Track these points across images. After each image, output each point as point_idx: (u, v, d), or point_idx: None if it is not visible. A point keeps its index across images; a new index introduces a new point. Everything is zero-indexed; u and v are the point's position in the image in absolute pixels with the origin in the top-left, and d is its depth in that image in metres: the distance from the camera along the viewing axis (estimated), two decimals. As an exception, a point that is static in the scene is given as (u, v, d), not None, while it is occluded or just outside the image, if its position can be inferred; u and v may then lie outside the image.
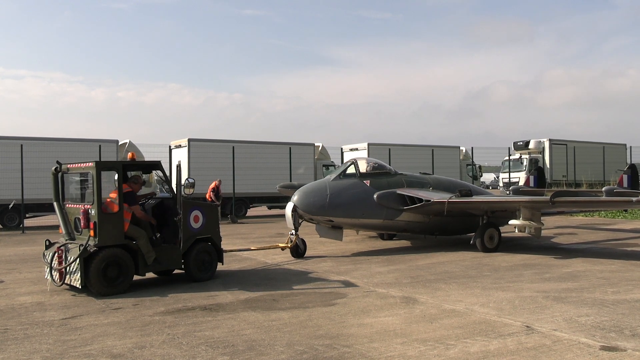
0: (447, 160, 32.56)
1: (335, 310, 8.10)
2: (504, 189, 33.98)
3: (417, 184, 15.32)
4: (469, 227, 15.54)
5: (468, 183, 19.92)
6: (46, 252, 10.17)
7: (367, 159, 15.96)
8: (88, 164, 9.78)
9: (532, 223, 13.39)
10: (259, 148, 28.03)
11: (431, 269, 11.58)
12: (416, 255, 13.76)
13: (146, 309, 8.43)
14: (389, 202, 14.32)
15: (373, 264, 12.49)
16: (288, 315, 7.83)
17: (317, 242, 16.05)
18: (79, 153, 22.18)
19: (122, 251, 9.60)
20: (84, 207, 9.71)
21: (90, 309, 8.47)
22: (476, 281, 10.14)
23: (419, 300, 8.62)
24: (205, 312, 8.15)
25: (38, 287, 10.37)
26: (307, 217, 13.93)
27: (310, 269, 11.82)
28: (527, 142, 37.29)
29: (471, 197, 14.29)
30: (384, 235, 17.10)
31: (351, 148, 31.34)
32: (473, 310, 7.90)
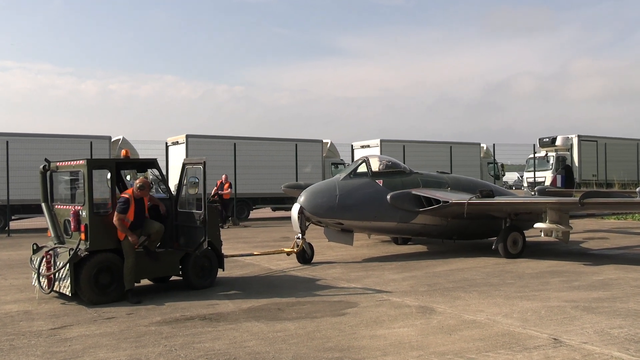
0: (466, 158, 32.48)
1: (345, 320, 8.09)
2: (528, 189, 33.83)
3: (434, 184, 15.28)
4: (491, 230, 15.48)
5: (489, 183, 19.86)
6: (33, 257, 10.21)
7: (380, 156, 15.93)
8: (79, 162, 9.81)
9: (559, 226, 13.33)
10: (263, 145, 28.05)
11: (449, 276, 11.55)
12: (433, 261, 13.73)
13: (141, 318, 8.44)
14: (404, 204, 14.29)
15: (386, 270, 12.47)
16: (294, 326, 7.82)
17: (326, 246, 16.04)
18: (69, 150, 22.20)
19: (115, 256, 9.63)
20: (75, 209, 9.75)
21: (81, 319, 8.50)
22: (499, 289, 10.11)
23: (437, 310, 8.60)
24: (205, 322, 8.16)
25: (25, 294, 10.41)
26: (314, 219, 13.92)
27: (318, 276, 11.82)
28: (554, 139, 37.14)
29: (493, 198, 14.24)
30: (398, 240, 17.08)
31: (362, 145, 31.31)
32: (495, 321, 7.87)
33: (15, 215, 23.64)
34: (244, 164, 26.44)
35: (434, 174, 16.06)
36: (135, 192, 9.84)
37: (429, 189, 14.79)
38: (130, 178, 25.28)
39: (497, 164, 34.65)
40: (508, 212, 14.47)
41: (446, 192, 14.86)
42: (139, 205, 9.87)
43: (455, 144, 32.80)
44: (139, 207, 9.85)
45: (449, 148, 31.79)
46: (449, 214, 14.47)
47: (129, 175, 25.10)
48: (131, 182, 25.36)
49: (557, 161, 35.74)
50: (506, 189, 20.64)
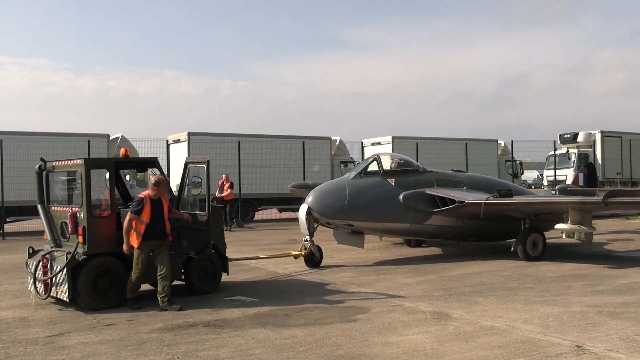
0: (483, 156, 32.38)
1: (356, 327, 8.09)
2: (548, 188, 33.73)
3: (449, 183, 15.25)
4: (509, 232, 15.44)
5: (507, 181, 19.80)
6: (29, 261, 10.25)
7: (392, 154, 15.90)
8: (76, 161, 9.85)
9: (582, 227, 13.27)
10: (268, 143, 28.07)
11: (466, 280, 11.53)
12: (448, 264, 13.70)
13: (142, 325, 8.47)
14: (417, 204, 14.27)
15: (399, 274, 12.46)
16: (302, 333, 7.83)
17: (335, 249, 16.04)
18: (66, 149, 22.28)
19: (115, 260, 9.66)
20: (72, 210, 9.79)
21: (79, 325, 8.53)
22: (518, 294, 10.09)
23: (452, 316, 8.58)
24: (208, 329, 8.18)
25: (20, 300, 10.47)
26: (323, 221, 13.92)
27: (327, 280, 11.82)
28: (575, 135, 36.99)
29: (511, 198, 14.20)
30: (411, 242, 17.05)
31: (373, 142, 31.27)
32: (515, 328, 7.85)
33: (10, 217, 23.74)
34: (248, 163, 26.46)
35: (448, 173, 16.03)
36: (151, 191, 9.56)
37: (443, 189, 14.76)
38: (129, 178, 25.44)
39: (515, 162, 34.54)
40: (527, 212, 14.42)
41: (462, 191, 14.82)
42: (156, 206, 9.57)
43: (472, 141, 32.70)
44: (156, 209, 9.54)
45: (465, 145, 31.71)
46: (465, 215, 14.43)
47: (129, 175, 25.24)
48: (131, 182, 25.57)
49: (578, 158, 35.59)
50: (525, 188, 20.56)
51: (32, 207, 17.39)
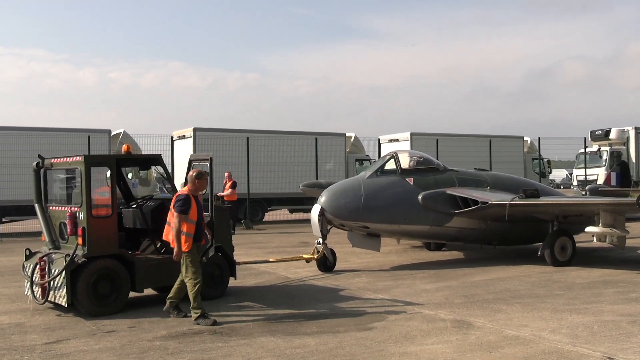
0: (508, 154, 32.26)
1: (372, 335, 8.09)
2: (578, 188, 33.54)
3: (472, 183, 15.21)
4: (536, 235, 15.38)
5: (534, 181, 19.72)
6: (26, 264, 10.32)
7: (410, 151, 15.89)
8: (75, 158, 9.90)
9: (614, 230, 13.19)
10: (279, 139, 28.10)
11: (489, 287, 11.50)
12: (471, 269, 13.67)
13: (145, 332, 8.51)
14: (437, 205, 14.24)
15: (418, 279, 12.45)
16: (315, 342, 7.83)
17: (350, 252, 16.04)
18: (65, 145, 22.41)
19: (116, 263, 9.71)
20: (71, 210, 9.84)
21: (79, 332, 8.58)
22: (545, 301, 10.05)
23: (475, 325, 8.56)
24: (215, 336, 8.20)
25: (17, 305, 10.54)
26: (337, 222, 13.92)
27: (341, 286, 11.82)
28: (608, 131, 36.72)
29: (538, 199, 14.14)
30: (430, 245, 17.02)
31: (390, 139, 31.24)
32: (541, 337, 7.82)
33: (5, 217, 23.92)
34: (258, 161, 26.51)
35: (471, 172, 15.99)
36: (191, 186, 9.24)
37: (465, 188, 14.72)
38: (132, 176, 25.58)
39: (542, 160, 34.38)
40: (555, 214, 14.36)
41: (485, 191, 14.78)
42: (198, 203, 9.28)
43: (496, 138, 32.58)
44: (198, 206, 9.27)
45: (489, 142, 31.60)
46: (488, 217, 14.39)
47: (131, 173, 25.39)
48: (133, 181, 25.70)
49: (611, 157, 35.31)
50: (553, 188, 20.47)
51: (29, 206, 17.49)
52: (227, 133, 27.27)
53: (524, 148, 34.14)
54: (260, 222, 27.26)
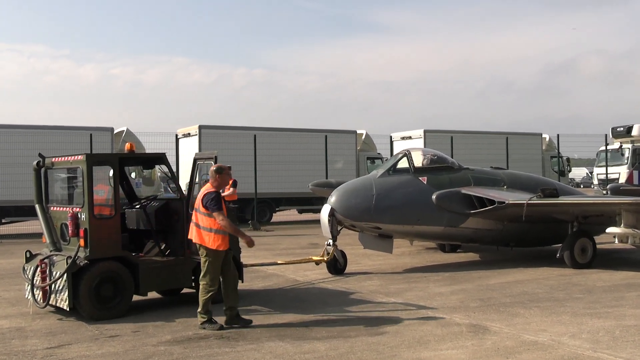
0: (525, 151, 32.18)
1: (384, 340, 8.09)
2: (599, 187, 33.37)
3: (488, 182, 15.18)
4: (555, 236, 15.33)
5: (553, 180, 19.66)
6: (26, 266, 10.37)
7: (424, 149, 15.87)
8: (77, 157, 9.94)
9: (636, 231, 13.13)
10: (287, 137, 28.12)
11: (506, 290, 11.48)
12: (487, 271, 13.65)
13: (149, 337, 8.54)
14: (452, 205, 14.22)
15: (432, 282, 12.43)
16: (324, 347, 7.84)
17: (361, 254, 16.03)
18: (66, 144, 22.51)
19: (120, 265, 9.74)
20: (73, 211, 9.88)
21: (81, 337, 8.62)
22: (564, 305, 10.03)
23: (491, 329, 8.55)
24: (221, 341, 8.22)
25: (17, 308, 10.59)
26: (347, 223, 13.92)
27: (352, 289, 11.83)
28: (630, 128, 36.50)
29: (557, 198, 14.10)
30: (445, 247, 17.00)
31: (403, 136, 31.21)
32: (561, 343, 7.80)
33: (5, 218, 24.04)
34: (265, 159, 26.54)
35: (487, 170, 15.96)
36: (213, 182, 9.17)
37: (481, 188, 14.69)
38: (135, 176, 25.64)
39: (562, 158, 34.27)
40: (575, 214, 14.31)
41: (502, 191, 14.75)
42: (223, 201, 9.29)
43: (513, 135, 32.51)
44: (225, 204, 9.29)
45: (505, 139, 31.52)
46: (505, 217, 14.35)
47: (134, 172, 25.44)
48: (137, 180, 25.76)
49: (633, 154, 35.12)
50: (573, 188, 20.39)
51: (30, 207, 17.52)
52: (234, 131, 27.32)
53: (542, 145, 34.04)
54: (268, 223, 27.29)
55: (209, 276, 8.96)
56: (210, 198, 8.87)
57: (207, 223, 8.89)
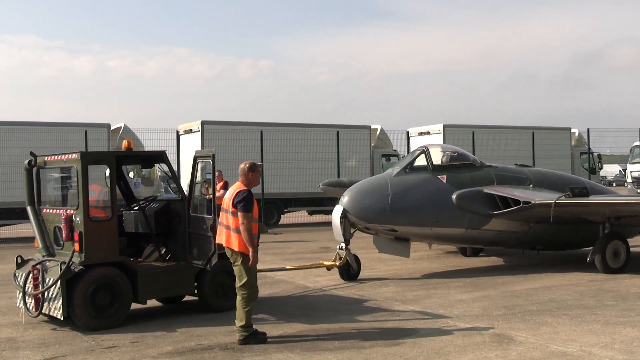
0: (553, 147, 32.10)
1: (400, 351, 8.09)
2: (633, 185, 33.27)
3: (512, 180, 15.15)
4: (585, 238, 15.28)
5: (583, 178, 19.59)
6: (18, 273, 10.41)
7: (443, 146, 15.85)
8: (71, 155, 9.97)
9: (673, 233, 13.09)
10: (296, 133, 28.14)
11: (532, 297, 11.45)
12: (511, 277, 13.62)
13: (148, 347, 8.56)
14: (473, 205, 14.19)
15: (452, 289, 12.42)
16: (336, 358, 7.85)
17: (376, 259, 16.04)
18: (60, 141, 22.62)
19: (117, 271, 9.77)
20: (67, 213, 9.92)
21: (76, 348, 8.65)
22: (595, 313, 10.00)
23: (516, 339, 8.54)
24: (226, 352, 8.24)
25: (8, 318, 10.65)
26: (361, 225, 13.92)
27: (366, 296, 11.83)
28: (666, 121, 36.38)
29: (587, 198, 14.05)
30: (466, 250, 16.98)
31: (420, 132, 31.19)
32: (592, 354, 7.78)
33: (-6, 221, 24.14)
34: (273, 157, 26.57)
35: (511, 168, 15.93)
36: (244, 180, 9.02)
37: (505, 187, 14.66)
38: (133, 175, 25.72)
39: (592, 155, 34.16)
40: (607, 215, 14.25)
41: (527, 190, 14.71)
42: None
43: (539, 130, 32.43)
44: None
45: (531, 134, 31.45)
46: (531, 218, 14.32)
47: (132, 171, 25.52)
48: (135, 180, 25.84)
49: (670, 150, 35.02)
50: (604, 186, 20.32)
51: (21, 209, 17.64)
52: (239, 127, 27.34)
53: (571, 141, 33.92)
54: (276, 226, 27.33)
55: (247, 282, 8.72)
56: (243, 197, 8.71)
57: (237, 224, 8.72)
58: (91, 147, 23.72)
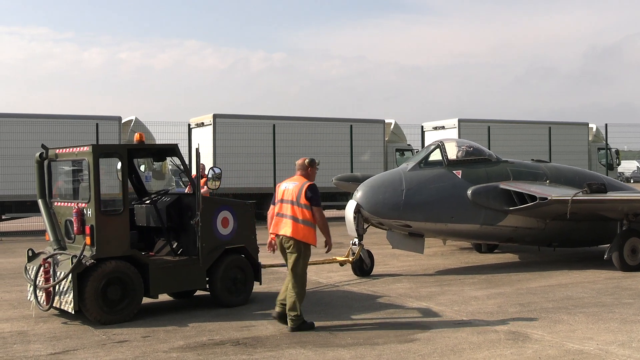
0: (570, 143, 31.96)
1: (414, 348, 8.10)
2: (651, 182, 33.04)
3: (528, 176, 15.12)
4: (602, 235, 15.26)
5: (600, 174, 19.51)
6: (28, 266, 10.47)
7: (458, 140, 15.82)
8: (82, 148, 10.01)
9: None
10: (309, 127, 28.12)
11: (548, 294, 11.44)
12: (527, 274, 13.61)
13: (160, 342, 8.60)
14: (489, 201, 14.17)
15: (467, 285, 12.41)
16: (350, 355, 7.86)
17: (389, 254, 16.04)
18: (71, 134, 22.73)
19: (128, 265, 9.80)
20: (78, 206, 9.96)
21: (87, 342, 8.70)
22: (613, 311, 9.98)
23: (532, 337, 8.53)
24: (238, 347, 8.27)
25: (19, 311, 10.71)
26: (374, 220, 13.92)
27: (379, 292, 11.84)
28: (686, 117, 36.19)
29: (605, 194, 14.00)
30: (481, 247, 16.96)
31: (435, 126, 31.13)
32: (609, 352, 7.76)
33: (6, 214, 24.28)
34: (285, 151, 26.55)
35: (527, 163, 15.87)
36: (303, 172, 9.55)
37: (521, 182, 14.63)
38: (145, 169, 25.81)
39: (610, 150, 34.02)
40: (625, 211, 14.19)
41: (544, 186, 14.69)
42: None
43: (556, 125, 32.31)
44: None
45: (548, 130, 31.33)
46: (547, 214, 14.29)
47: (144, 165, 25.61)
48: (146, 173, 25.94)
49: (689, 146, 34.83)
50: (622, 182, 20.22)
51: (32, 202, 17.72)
52: (251, 120, 27.40)
53: (588, 136, 33.78)
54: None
55: (301, 271, 9.29)
56: (315, 191, 9.22)
57: (306, 216, 9.18)
58: (102, 140, 23.83)
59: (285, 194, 9.30)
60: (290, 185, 9.36)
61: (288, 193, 9.27)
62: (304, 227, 9.18)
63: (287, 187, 9.36)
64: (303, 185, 9.22)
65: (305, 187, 9.17)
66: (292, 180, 9.47)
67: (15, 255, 17.52)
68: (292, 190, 9.24)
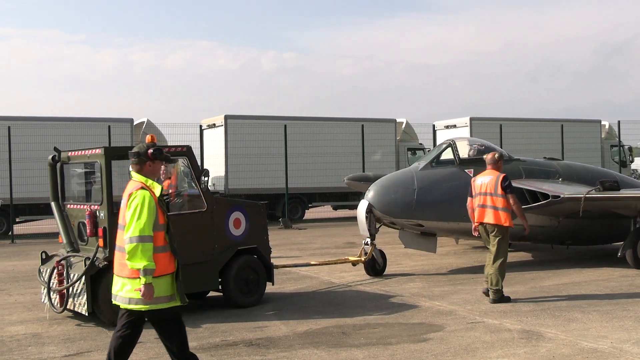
0: (583, 140, 31.84)
1: (427, 348, 8.09)
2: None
3: (541, 174, 15.06)
4: (616, 233, 15.17)
5: (613, 171, 19.43)
6: (42, 268, 10.52)
7: (470, 139, 15.74)
8: (95, 150, 10.05)
9: None
10: (321, 127, 28.13)
11: (562, 292, 11.41)
12: (540, 272, 13.57)
13: (173, 343, 8.61)
14: (501, 199, 14.12)
15: (479, 284, 12.36)
16: (363, 355, 7.86)
17: (402, 254, 16.02)
18: (83, 137, 22.85)
19: (141, 267, 9.81)
20: (91, 209, 10.00)
21: (101, 343, 8.72)
22: (627, 309, 9.93)
23: (546, 336, 8.51)
24: (251, 348, 8.28)
25: (33, 313, 10.77)
26: (386, 220, 13.91)
27: (392, 292, 11.83)
28: (700, 113, 35.99)
29: (618, 191, 13.94)
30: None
31: (447, 125, 31.09)
32: (623, 351, 7.73)
33: (19, 217, 24.39)
34: (297, 151, 26.59)
35: (540, 161, 15.83)
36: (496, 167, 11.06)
37: (534, 180, 14.57)
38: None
39: (623, 147, 33.88)
40: (638, 209, 14.13)
41: (556, 183, 14.63)
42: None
43: (568, 122, 32.19)
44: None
45: (560, 127, 31.22)
46: (560, 212, 14.23)
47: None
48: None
49: (703, 142, 34.64)
50: (636, 180, 20.12)
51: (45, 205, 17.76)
52: (262, 120, 27.44)
53: (601, 134, 33.65)
54: (301, 221, 27.36)
55: (503, 251, 10.87)
56: (509, 182, 10.82)
57: (504, 204, 10.68)
58: (114, 142, 23.89)
59: (482, 187, 10.85)
60: (487, 179, 10.87)
61: (484, 186, 10.82)
62: (504, 214, 10.64)
63: (484, 181, 10.89)
64: (498, 177, 10.76)
65: (500, 179, 10.72)
66: (486, 175, 10.99)
67: (29, 257, 17.59)
68: (489, 183, 10.77)
